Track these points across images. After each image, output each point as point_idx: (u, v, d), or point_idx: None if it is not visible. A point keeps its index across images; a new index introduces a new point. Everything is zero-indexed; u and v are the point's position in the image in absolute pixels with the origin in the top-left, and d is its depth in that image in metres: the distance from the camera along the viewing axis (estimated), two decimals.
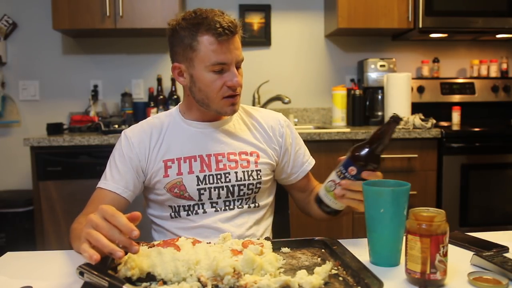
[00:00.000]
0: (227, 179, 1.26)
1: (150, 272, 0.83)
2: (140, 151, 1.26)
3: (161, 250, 0.88)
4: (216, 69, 1.18)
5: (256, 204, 1.32)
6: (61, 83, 3.12)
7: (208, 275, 0.81)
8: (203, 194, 1.25)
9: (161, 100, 3.03)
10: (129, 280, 0.82)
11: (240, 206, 1.29)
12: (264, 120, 1.37)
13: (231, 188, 1.27)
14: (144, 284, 0.84)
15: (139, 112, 3.07)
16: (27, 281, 0.86)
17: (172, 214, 1.28)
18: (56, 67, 3.11)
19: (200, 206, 1.27)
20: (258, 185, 1.30)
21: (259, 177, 1.30)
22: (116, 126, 2.71)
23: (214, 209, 1.27)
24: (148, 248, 0.91)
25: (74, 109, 3.11)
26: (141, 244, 0.94)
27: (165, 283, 0.82)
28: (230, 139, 1.30)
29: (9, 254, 1.06)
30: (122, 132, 1.31)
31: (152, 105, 3.01)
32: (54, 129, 2.70)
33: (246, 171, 1.28)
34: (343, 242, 1.03)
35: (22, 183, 3.07)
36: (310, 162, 1.41)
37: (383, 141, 1.04)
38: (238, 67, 1.22)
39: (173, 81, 3.10)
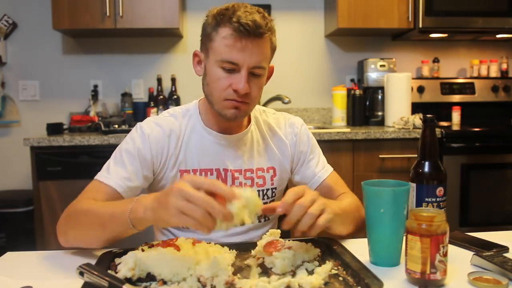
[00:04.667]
0: None
1: (150, 272, 0.83)
2: (157, 154, 1.17)
3: (161, 250, 0.88)
4: (225, 67, 1.09)
5: (267, 218, 1.28)
6: (61, 83, 3.12)
7: (208, 275, 0.81)
8: None
9: (161, 100, 3.03)
10: (129, 280, 0.82)
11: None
12: (279, 127, 1.30)
13: None
14: (144, 284, 0.84)
15: (139, 112, 3.07)
16: (27, 281, 0.86)
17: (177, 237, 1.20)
18: (56, 67, 3.11)
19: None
20: (272, 202, 1.22)
21: (273, 194, 1.25)
22: (116, 126, 2.71)
23: None
24: (148, 248, 0.91)
25: (74, 109, 3.11)
26: (141, 244, 0.94)
27: (165, 283, 0.83)
28: (247, 154, 1.23)
29: (9, 254, 1.06)
30: (138, 126, 1.20)
31: (152, 105, 3.02)
32: (54, 129, 2.70)
33: (261, 190, 1.23)
34: (343, 242, 1.03)
35: (22, 183, 3.07)
36: (322, 174, 1.28)
37: (433, 146, 1.02)
38: (255, 74, 1.10)
39: (173, 81, 3.10)
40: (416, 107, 2.99)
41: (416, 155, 1.03)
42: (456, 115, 3.02)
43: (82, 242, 1.03)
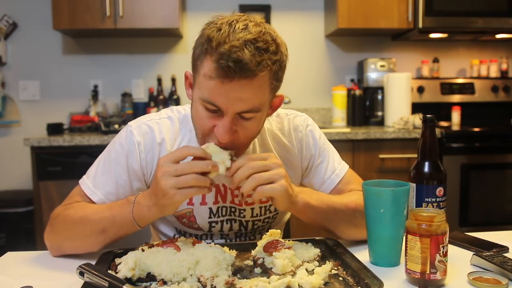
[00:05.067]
0: (242, 215, 1.13)
1: (150, 272, 0.83)
2: (147, 164, 1.07)
3: (161, 250, 0.88)
4: (208, 107, 0.91)
5: (273, 215, 1.18)
6: (61, 83, 3.12)
7: (208, 275, 0.81)
8: (214, 227, 1.12)
9: (161, 100, 3.04)
10: (129, 280, 0.82)
11: (252, 238, 1.17)
12: (283, 133, 1.16)
13: (244, 223, 1.14)
14: (144, 284, 0.84)
15: (139, 112, 3.07)
16: (27, 281, 0.86)
17: (177, 236, 1.17)
18: (56, 67, 3.11)
19: (209, 237, 1.15)
20: (275, 216, 1.17)
21: (277, 209, 1.15)
22: (116, 126, 2.72)
23: (223, 240, 1.16)
24: (148, 248, 0.91)
25: (74, 109, 3.11)
26: (142, 244, 0.94)
27: (165, 283, 0.83)
28: None
29: (9, 254, 1.06)
30: (129, 130, 1.08)
31: (152, 105, 3.02)
32: (54, 129, 2.70)
33: (264, 206, 1.13)
34: (343, 242, 1.03)
35: (22, 183, 3.07)
36: (333, 180, 1.16)
37: (433, 146, 1.01)
38: (246, 118, 0.92)
39: (173, 81, 3.11)
40: (416, 107, 2.99)
41: (416, 155, 1.03)
42: (456, 115, 3.02)
43: (80, 250, 1.01)
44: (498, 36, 3.18)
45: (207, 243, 0.95)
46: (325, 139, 1.21)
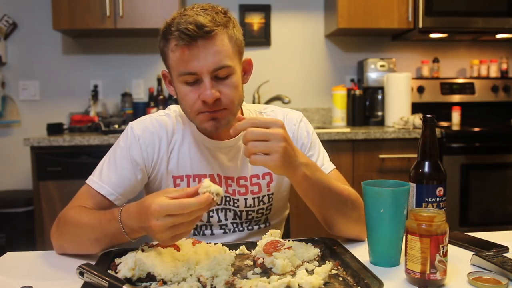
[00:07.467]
0: (236, 205, 1.17)
1: (150, 272, 0.83)
2: (148, 156, 1.13)
3: (161, 250, 0.88)
4: (187, 80, 1.01)
5: (268, 224, 1.23)
6: (61, 83, 3.12)
7: (208, 275, 0.81)
8: (212, 216, 1.17)
9: (161, 100, 3.04)
10: (129, 280, 0.82)
11: (250, 228, 1.21)
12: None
13: (238, 213, 1.18)
14: (144, 284, 0.84)
15: (139, 112, 3.07)
16: (27, 281, 0.86)
17: None
18: (56, 67, 3.11)
19: (208, 227, 1.19)
20: (269, 207, 1.21)
21: (270, 200, 1.20)
22: (116, 126, 2.72)
23: (222, 230, 1.19)
24: (148, 248, 0.91)
25: (74, 109, 3.11)
26: (142, 244, 0.94)
27: (165, 283, 0.83)
28: (241, 160, 1.17)
29: (9, 254, 1.06)
30: (129, 127, 1.16)
31: (152, 105, 3.02)
32: (54, 129, 2.70)
33: (257, 197, 1.18)
34: (343, 242, 1.03)
35: (22, 183, 3.07)
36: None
37: (433, 146, 1.01)
38: (221, 77, 1.01)
39: None
40: (416, 107, 2.99)
41: (416, 155, 1.03)
42: (456, 115, 3.02)
43: (80, 252, 1.03)
44: (498, 36, 3.18)
45: (207, 243, 0.95)
46: (317, 138, 1.24)
